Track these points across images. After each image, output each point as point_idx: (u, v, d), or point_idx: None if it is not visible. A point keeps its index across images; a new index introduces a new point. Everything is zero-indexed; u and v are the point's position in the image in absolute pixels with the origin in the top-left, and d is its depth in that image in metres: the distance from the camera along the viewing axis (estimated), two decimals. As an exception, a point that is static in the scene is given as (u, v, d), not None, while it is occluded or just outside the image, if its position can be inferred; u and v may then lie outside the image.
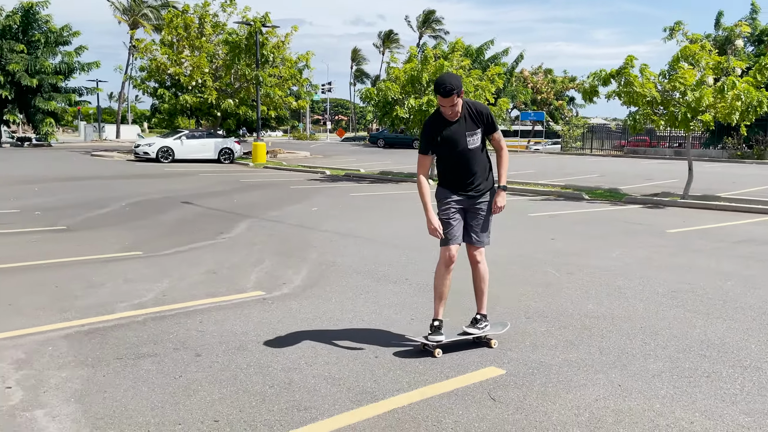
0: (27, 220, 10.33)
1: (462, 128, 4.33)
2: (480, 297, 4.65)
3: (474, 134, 4.36)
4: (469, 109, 4.37)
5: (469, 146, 4.35)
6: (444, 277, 4.47)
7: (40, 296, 5.72)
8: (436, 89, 4.19)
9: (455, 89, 4.15)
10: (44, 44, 38.50)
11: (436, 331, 4.39)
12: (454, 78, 4.21)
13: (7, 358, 4.17)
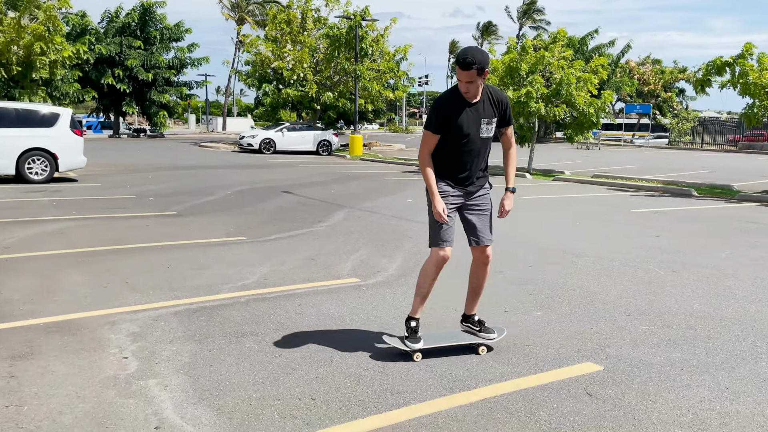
0: (142, 206, 11.05)
1: (479, 114, 3.90)
2: (477, 298, 4.32)
3: (490, 123, 3.97)
4: (490, 94, 3.97)
5: (481, 135, 3.95)
6: (432, 278, 4.08)
7: (153, 275, 6.12)
8: (456, 60, 3.76)
9: (476, 64, 3.69)
10: (159, 41, 40.88)
11: (414, 334, 4.05)
12: (480, 53, 3.76)
13: (124, 331, 4.50)
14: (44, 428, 3.06)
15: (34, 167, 14.36)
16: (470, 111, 3.89)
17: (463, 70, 3.72)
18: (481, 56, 3.74)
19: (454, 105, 3.88)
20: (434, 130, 3.92)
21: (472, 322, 4.31)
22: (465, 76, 3.75)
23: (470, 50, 3.77)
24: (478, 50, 3.79)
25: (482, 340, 4.22)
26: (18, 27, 16.06)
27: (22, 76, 17.37)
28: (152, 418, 3.19)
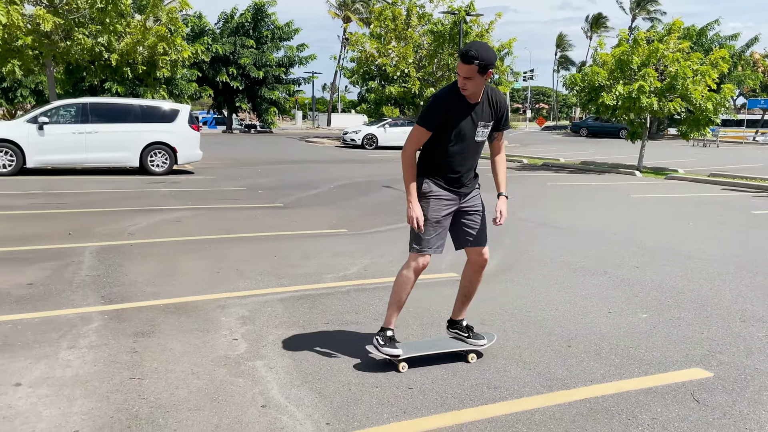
0: (251, 197, 11.58)
1: (477, 116, 3.65)
2: (467, 303, 4.09)
3: (486, 126, 3.72)
4: (490, 96, 3.70)
5: (476, 138, 3.71)
6: (410, 285, 3.83)
7: (261, 263, 6.42)
8: (459, 52, 3.53)
9: (477, 59, 3.42)
10: (270, 40, 42.53)
11: (392, 341, 3.80)
12: (486, 50, 3.47)
13: (234, 315, 4.77)
14: (163, 400, 3.32)
15: (156, 160, 15.38)
16: (469, 111, 3.64)
17: (464, 64, 3.46)
18: (486, 53, 3.46)
19: (454, 103, 3.62)
20: (429, 127, 3.63)
21: (460, 327, 4.04)
22: (464, 71, 3.49)
23: (476, 44, 3.51)
24: (485, 46, 3.52)
25: (471, 346, 3.95)
26: (143, 29, 17.25)
27: (147, 75, 18.67)
28: (259, 397, 3.38)
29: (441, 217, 3.75)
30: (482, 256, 3.95)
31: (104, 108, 15.30)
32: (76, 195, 11.40)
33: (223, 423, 3.09)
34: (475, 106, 3.64)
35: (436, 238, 3.75)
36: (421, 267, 3.79)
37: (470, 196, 3.89)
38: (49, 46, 16.68)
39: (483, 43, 3.57)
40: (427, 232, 3.73)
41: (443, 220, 3.77)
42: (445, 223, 3.79)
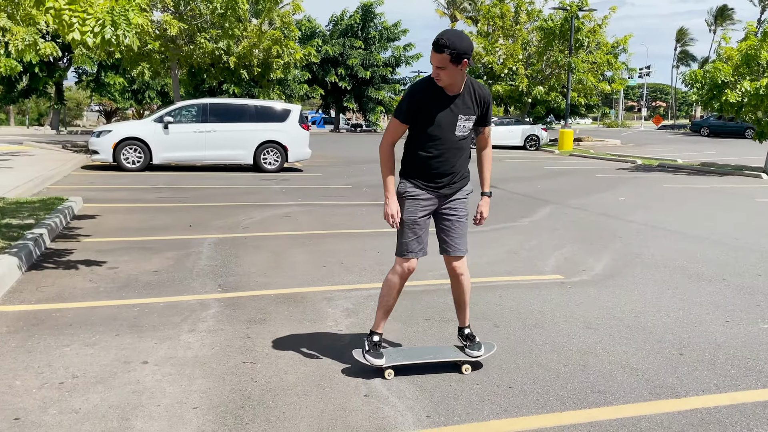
0: (357, 195, 11.87)
1: (457, 109, 3.44)
2: (464, 310, 3.86)
3: (467, 120, 3.51)
4: (472, 89, 3.49)
5: (456, 132, 3.49)
6: (397, 290, 3.69)
7: (365, 258, 6.59)
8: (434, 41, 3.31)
9: (449, 47, 3.21)
10: (378, 40, 43.22)
11: (376, 348, 3.63)
12: (457, 37, 3.25)
13: (339, 307, 4.94)
14: (273, 384, 3.52)
15: (268, 158, 16.08)
16: (447, 103, 3.43)
17: (435, 53, 3.26)
18: (460, 42, 3.24)
19: (430, 94, 3.42)
20: (403, 118, 3.47)
21: (462, 335, 3.85)
22: (436, 60, 3.27)
23: (448, 32, 3.29)
24: (458, 35, 3.28)
25: (465, 357, 3.73)
26: (259, 33, 18.09)
27: (261, 77, 19.56)
28: (362, 387, 3.50)
29: (417, 218, 3.56)
30: (454, 268, 3.72)
31: (222, 108, 16.18)
32: (196, 190, 12.15)
33: (328, 409, 3.23)
34: (455, 99, 3.44)
35: (415, 241, 3.59)
36: (407, 272, 3.63)
37: (452, 198, 3.65)
38: (174, 50, 17.87)
39: (457, 30, 3.35)
40: (405, 235, 3.59)
41: (420, 222, 3.58)
42: (423, 225, 3.60)
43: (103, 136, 15.31)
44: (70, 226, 7.91)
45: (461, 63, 3.27)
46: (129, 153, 15.18)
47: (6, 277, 5.21)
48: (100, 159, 15.33)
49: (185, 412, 3.16)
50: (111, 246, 6.87)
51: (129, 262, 6.16)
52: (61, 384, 3.44)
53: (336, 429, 3.03)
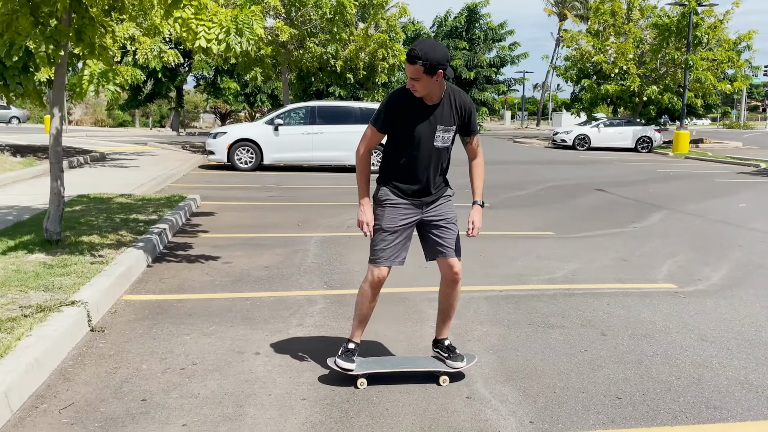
0: (458, 197, 11.74)
1: (435, 119, 3.35)
2: (449, 320, 3.73)
3: (448, 131, 3.40)
4: (452, 98, 3.39)
5: (436, 143, 3.39)
6: (371, 299, 3.57)
7: (467, 261, 6.53)
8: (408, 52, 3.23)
9: (421, 58, 3.13)
10: (483, 41, 42.84)
11: (348, 354, 3.53)
12: (430, 47, 3.18)
13: (441, 308, 4.98)
14: (377, 380, 3.61)
15: (372, 158, 16.32)
16: (425, 114, 3.35)
17: (409, 64, 3.20)
18: (432, 53, 3.16)
19: (408, 104, 3.34)
20: (379, 127, 3.40)
21: (442, 347, 3.71)
22: (410, 71, 3.21)
23: (422, 43, 3.22)
24: (432, 45, 3.22)
25: (447, 368, 3.59)
26: (365, 36, 18.44)
27: (366, 79, 19.92)
28: (464, 389, 3.52)
29: (397, 227, 3.47)
30: (452, 269, 3.59)
31: (329, 111, 16.65)
32: (304, 189, 12.57)
33: (430, 408, 3.28)
34: (434, 109, 3.37)
35: (391, 249, 3.48)
36: (377, 280, 3.51)
37: (435, 205, 3.56)
38: (285, 55, 18.58)
39: (431, 41, 3.30)
40: (380, 243, 3.48)
41: (400, 231, 3.48)
42: (403, 234, 3.50)
43: (218, 138, 16.17)
44: (189, 222, 8.43)
45: (436, 73, 3.21)
46: (242, 154, 15.93)
47: (133, 268, 5.64)
48: (216, 159, 16.19)
49: (294, 403, 3.31)
50: (226, 242, 7.26)
51: (242, 258, 6.49)
52: (182, 370, 3.70)
53: (438, 428, 3.07)
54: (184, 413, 3.18)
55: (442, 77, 3.24)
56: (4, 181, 11.22)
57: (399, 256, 3.51)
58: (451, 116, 3.41)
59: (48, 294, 4.53)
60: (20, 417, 3.09)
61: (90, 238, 6.40)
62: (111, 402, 3.28)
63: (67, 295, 4.49)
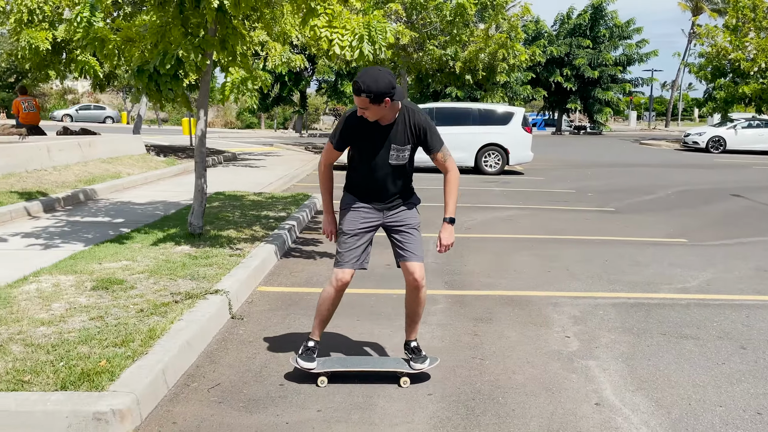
0: (581, 200, 11.52)
1: (390, 139, 3.40)
2: (416, 323, 3.75)
3: (402, 150, 3.43)
4: (407, 118, 3.40)
5: (390, 161, 3.45)
6: (333, 302, 3.61)
7: (591, 266, 6.42)
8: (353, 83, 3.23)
9: (364, 92, 3.17)
10: (608, 39, 41.18)
11: (309, 353, 3.58)
12: (375, 80, 3.16)
13: (566, 313, 4.91)
14: (501, 381, 3.64)
15: (489, 160, 16.27)
16: (379, 134, 3.40)
17: (354, 95, 3.25)
18: (376, 85, 3.16)
19: (362, 125, 3.38)
20: (335, 144, 3.50)
21: (408, 348, 3.75)
22: (357, 102, 3.27)
23: (365, 75, 3.19)
24: (375, 77, 3.18)
25: (408, 369, 3.58)
26: (486, 37, 18.34)
27: (485, 80, 19.79)
28: (592, 395, 3.47)
29: (357, 230, 3.52)
30: (411, 275, 3.56)
31: (447, 112, 16.73)
32: (418, 191, 12.68)
33: (558, 412, 3.27)
34: (389, 129, 3.41)
35: (352, 251, 3.52)
36: (339, 282, 3.54)
37: (397, 210, 3.61)
38: (405, 58, 18.84)
39: (373, 71, 3.23)
40: (341, 245, 3.55)
41: (360, 234, 3.53)
42: (364, 237, 3.55)
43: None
44: (314, 220, 8.80)
45: (383, 102, 3.24)
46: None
47: (267, 262, 6.00)
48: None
49: (421, 398, 3.42)
50: (349, 240, 7.52)
51: (365, 256, 6.70)
52: (314, 359, 3.91)
53: (566, 432, 3.06)
54: (318, 400, 3.37)
55: (390, 103, 3.27)
56: (150, 178, 12.24)
57: (360, 259, 3.59)
58: (405, 135, 3.45)
59: (194, 283, 4.94)
60: (175, 393, 3.41)
61: (227, 232, 6.87)
62: (252, 385, 3.54)
63: (211, 284, 4.87)
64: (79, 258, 5.59)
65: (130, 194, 10.22)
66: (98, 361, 3.37)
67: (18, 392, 3.04)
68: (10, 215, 7.60)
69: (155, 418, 3.13)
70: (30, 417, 2.90)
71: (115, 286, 4.75)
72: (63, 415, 2.90)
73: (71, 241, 6.47)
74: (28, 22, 12.50)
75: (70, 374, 3.21)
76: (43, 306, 4.28)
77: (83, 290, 4.66)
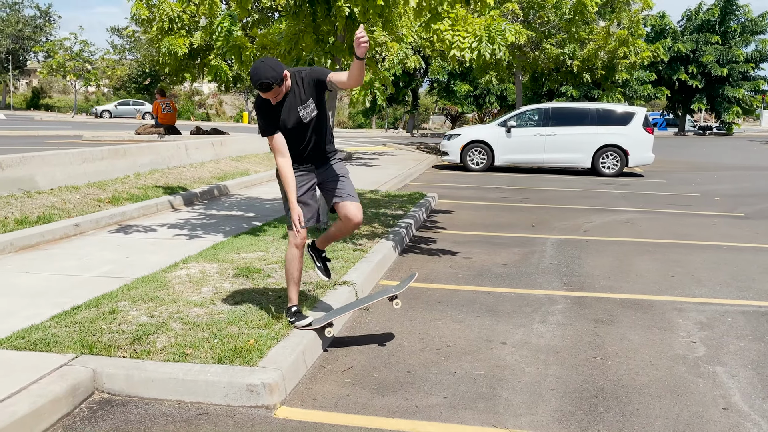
0: (707, 204, 11.00)
1: (292, 103, 3.81)
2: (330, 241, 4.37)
3: (306, 107, 3.83)
4: (296, 78, 3.82)
5: (304, 120, 3.85)
6: (297, 260, 3.99)
7: (719, 273, 6.21)
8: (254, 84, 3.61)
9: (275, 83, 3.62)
10: (739, 34, 38.59)
11: (298, 315, 4.01)
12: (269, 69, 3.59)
13: (691, 319, 4.82)
14: (624, 381, 3.68)
15: (607, 162, 15.84)
16: (282, 107, 3.81)
17: (265, 92, 3.66)
18: (273, 72, 3.60)
19: (268, 106, 3.82)
20: (271, 132, 3.86)
21: (314, 251, 4.34)
22: (271, 95, 3.68)
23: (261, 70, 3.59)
24: (268, 65, 3.61)
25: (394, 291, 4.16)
26: (606, 35, 17.83)
27: (604, 79, 19.24)
28: (720, 400, 3.44)
29: (301, 194, 3.92)
30: (352, 214, 3.96)
31: (564, 112, 16.45)
32: (535, 191, 12.63)
33: (683, 414, 3.28)
34: (286, 96, 3.79)
35: (307, 211, 3.95)
36: (300, 240, 3.94)
37: (326, 167, 4.05)
38: (520, 57, 18.70)
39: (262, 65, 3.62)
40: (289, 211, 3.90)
41: (303, 197, 3.93)
42: (306, 199, 3.96)
43: (453, 140, 16.84)
44: (429, 219, 9.03)
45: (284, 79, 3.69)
46: (474, 155, 16.43)
47: (387, 258, 6.28)
48: (449, 160, 16.90)
49: (544, 392, 3.53)
50: (464, 238, 7.68)
51: (481, 254, 6.85)
52: (437, 350, 4.12)
53: (692, 434, 3.08)
54: (443, 387, 3.57)
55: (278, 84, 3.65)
56: (267, 177, 12.97)
57: (311, 218, 4.02)
58: (304, 93, 3.84)
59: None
60: (313, 373, 3.73)
61: (350, 228, 7.23)
62: (381, 370, 3.80)
63: (339, 276, 5.21)
64: (219, 248, 6.13)
65: (258, 190, 10.91)
66: (247, 340, 3.75)
67: (183, 363, 3.46)
68: (156, 207, 8.38)
69: (297, 394, 3.46)
70: (194, 385, 3.30)
71: (254, 275, 5.19)
72: (221, 386, 3.29)
73: (211, 233, 7.07)
74: (168, 29, 13.66)
75: (225, 350, 3.60)
76: (194, 290, 4.77)
77: (227, 277, 5.13)
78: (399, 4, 6.20)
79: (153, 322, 4.02)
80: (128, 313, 4.19)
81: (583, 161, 15.98)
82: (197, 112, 53.68)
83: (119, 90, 53.80)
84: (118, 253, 5.99)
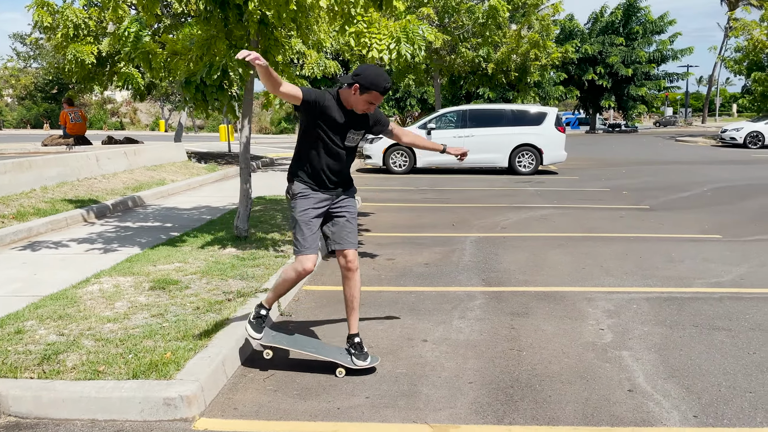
0: (616, 198, 11.57)
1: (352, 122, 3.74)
2: (356, 313, 3.92)
3: (359, 134, 3.83)
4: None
5: (348, 144, 3.79)
6: (291, 283, 3.80)
7: (626, 263, 6.55)
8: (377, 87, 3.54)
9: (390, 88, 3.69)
10: (641, 35, 40.75)
11: (259, 321, 3.81)
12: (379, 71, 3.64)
13: (600, 307, 5.07)
14: (538, 370, 3.83)
15: (523, 161, 16.37)
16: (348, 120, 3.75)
17: (383, 95, 3.63)
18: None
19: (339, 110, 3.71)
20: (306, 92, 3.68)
21: (351, 343, 3.87)
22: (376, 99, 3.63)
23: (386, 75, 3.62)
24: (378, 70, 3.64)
25: (348, 363, 3.77)
26: (518, 37, 18.45)
27: (518, 81, 19.89)
28: (625, 382, 3.64)
29: (311, 218, 3.72)
30: (351, 265, 3.83)
31: (480, 114, 16.89)
32: (456, 191, 12.91)
33: (592, 398, 3.45)
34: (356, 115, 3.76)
35: (313, 237, 3.73)
36: (304, 272, 3.74)
37: (347, 195, 3.91)
38: (437, 61, 19.08)
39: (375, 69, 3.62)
40: (300, 232, 3.71)
41: (314, 222, 3.75)
42: (316, 226, 3.77)
43: (375, 143, 16.94)
44: (352, 222, 9.07)
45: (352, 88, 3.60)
46: (396, 157, 16.62)
47: (309, 262, 6.27)
48: (372, 163, 17.01)
49: (462, 385, 3.63)
50: (387, 240, 7.77)
51: (403, 255, 6.95)
52: (360, 351, 4.15)
53: (600, 416, 3.25)
54: (365, 388, 3.61)
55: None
56: (193, 184, 12.68)
57: (318, 244, 3.81)
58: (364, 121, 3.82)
59: (244, 282, 5.24)
60: (234, 383, 3.69)
61: (271, 234, 7.18)
62: (304, 375, 3.80)
63: (259, 284, 5.16)
64: (134, 261, 5.95)
65: (175, 200, 10.64)
66: (163, 353, 3.67)
67: (95, 380, 3.35)
68: (66, 222, 8.04)
69: (218, 404, 3.41)
70: (107, 402, 3.21)
71: (171, 286, 5.07)
72: (137, 401, 3.20)
73: (125, 245, 6.85)
74: (73, 36, 13.11)
75: (140, 365, 3.51)
76: (107, 305, 4.62)
77: (142, 290, 4.99)
78: (314, 9, 6.22)
79: (63, 341, 3.87)
80: (36, 332, 4.02)
81: (500, 161, 16.45)
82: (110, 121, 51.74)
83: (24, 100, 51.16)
84: (25, 271, 5.73)
